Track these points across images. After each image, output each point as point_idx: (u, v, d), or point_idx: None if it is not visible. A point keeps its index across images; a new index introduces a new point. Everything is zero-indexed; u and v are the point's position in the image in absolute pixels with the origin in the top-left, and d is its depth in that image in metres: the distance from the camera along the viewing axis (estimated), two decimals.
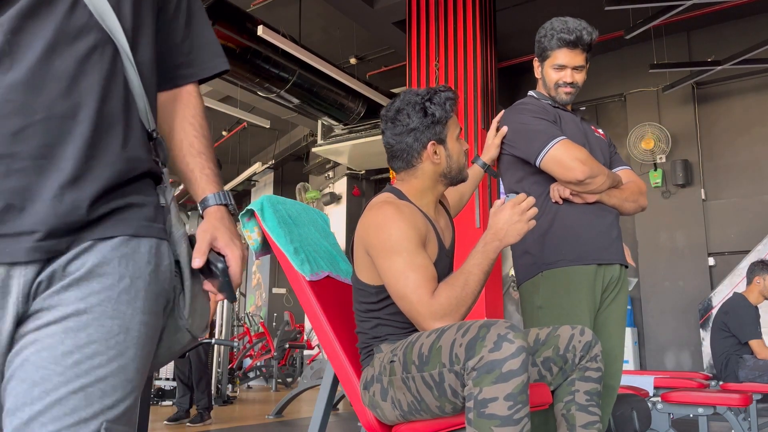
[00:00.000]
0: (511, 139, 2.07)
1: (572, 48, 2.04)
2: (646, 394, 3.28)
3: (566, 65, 2.05)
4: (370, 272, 1.68)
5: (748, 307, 4.18)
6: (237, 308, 12.13)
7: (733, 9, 6.80)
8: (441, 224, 1.79)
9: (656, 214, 7.58)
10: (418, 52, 6.01)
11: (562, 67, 2.06)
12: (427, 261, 1.60)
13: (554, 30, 2.05)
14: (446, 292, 1.54)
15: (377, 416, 1.63)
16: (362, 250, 1.68)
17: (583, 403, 1.67)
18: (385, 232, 1.60)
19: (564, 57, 2.05)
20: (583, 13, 8.16)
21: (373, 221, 1.64)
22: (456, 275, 1.59)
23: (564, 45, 2.04)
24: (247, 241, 2.07)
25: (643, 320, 7.54)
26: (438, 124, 1.70)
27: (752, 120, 7.41)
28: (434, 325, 1.53)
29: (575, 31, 2.02)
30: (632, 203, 2.10)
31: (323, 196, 10.88)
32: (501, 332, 1.37)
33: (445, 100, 1.70)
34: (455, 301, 1.53)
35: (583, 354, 1.68)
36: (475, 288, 1.56)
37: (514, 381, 1.34)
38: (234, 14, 6.20)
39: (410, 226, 1.60)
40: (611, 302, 2.04)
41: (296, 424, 5.15)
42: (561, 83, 2.07)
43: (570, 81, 2.06)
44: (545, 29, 2.09)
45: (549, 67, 2.09)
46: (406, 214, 1.63)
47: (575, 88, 2.09)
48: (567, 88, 2.07)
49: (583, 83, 2.13)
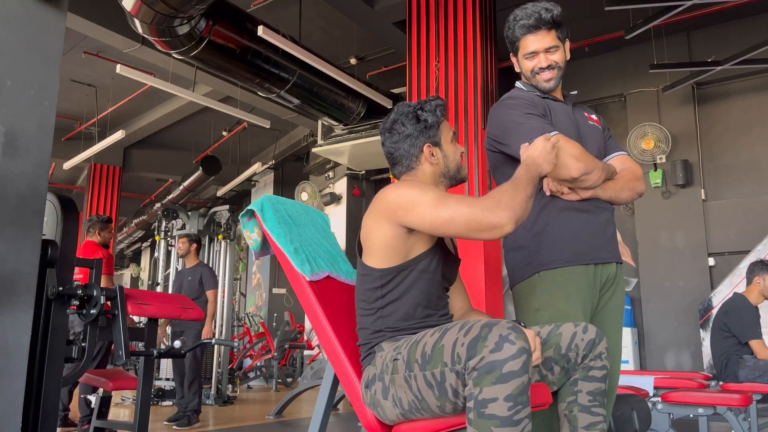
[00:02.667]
0: (501, 136, 2.00)
1: (535, 31, 1.99)
2: (646, 394, 3.28)
3: (536, 50, 2.00)
4: (379, 253, 1.67)
5: (748, 308, 4.18)
6: (237, 308, 12.14)
7: (733, 9, 6.80)
8: None
9: (656, 214, 7.58)
10: (418, 52, 6.01)
11: (533, 54, 2.01)
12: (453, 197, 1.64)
13: (515, 20, 2.02)
14: (493, 193, 1.58)
15: (378, 415, 1.63)
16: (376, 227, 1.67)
17: (585, 403, 1.66)
18: (405, 191, 1.64)
19: (531, 43, 2.00)
20: (583, 13, 8.14)
21: (389, 193, 1.66)
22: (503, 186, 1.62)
23: (527, 31, 2.00)
24: (247, 241, 2.07)
25: (643, 320, 7.54)
26: (431, 128, 1.80)
27: (752, 120, 7.41)
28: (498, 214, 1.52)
29: (533, 13, 1.98)
30: (628, 191, 2.06)
31: (323, 196, 10.88)
32: (503, 333, 1.37)
33: (435, 107, 1.81)
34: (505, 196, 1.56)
35: (586, 353, 1.66)
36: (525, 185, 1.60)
37: (514, 382, 1.34)
38: (234, 14, 6.20)
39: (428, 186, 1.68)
40: (608, 301, 1.99)
41: (296, 424, 5.14)
42: (537, 70, 2.01)
43: (545, 65, 2.00)
44: (508, 22, 2.06)
45: (522, 58, 2.04)
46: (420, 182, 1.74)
47: (555, 70, 2.01)
48: (544, 73, 2.01)
49: (564, 62, 2.04)
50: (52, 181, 13.05)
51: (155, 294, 2.68)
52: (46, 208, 1.47)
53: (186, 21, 5.57)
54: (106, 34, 7.06)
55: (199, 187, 11.86)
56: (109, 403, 3.21)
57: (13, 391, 1.34)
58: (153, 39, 5.79)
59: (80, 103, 10.10)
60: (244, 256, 13.61)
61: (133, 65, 7.60)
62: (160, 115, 10.51)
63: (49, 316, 1.60)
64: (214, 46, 6.06)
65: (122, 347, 2.00)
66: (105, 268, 4.76)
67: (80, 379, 3.36)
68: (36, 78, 1.41)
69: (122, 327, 2.01)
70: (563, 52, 2.04)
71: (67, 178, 13.48)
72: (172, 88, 7.60)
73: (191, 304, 2.71)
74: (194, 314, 2.65)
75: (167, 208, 7.72)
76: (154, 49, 7.08)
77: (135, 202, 15.34)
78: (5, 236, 1.33)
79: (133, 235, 15.85)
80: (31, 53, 1.41)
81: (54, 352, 1.59)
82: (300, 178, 11.81)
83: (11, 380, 1.34)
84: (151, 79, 7.42)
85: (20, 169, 1.37)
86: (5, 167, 1.34)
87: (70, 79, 9.30)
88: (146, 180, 13.69)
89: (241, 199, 14.38)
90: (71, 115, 10.61)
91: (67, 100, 9.92)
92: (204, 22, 5.81)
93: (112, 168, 11.79)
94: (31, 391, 1.51)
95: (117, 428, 3.43)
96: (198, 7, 5.33)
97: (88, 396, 4.05)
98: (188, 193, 11.89)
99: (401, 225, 1.63)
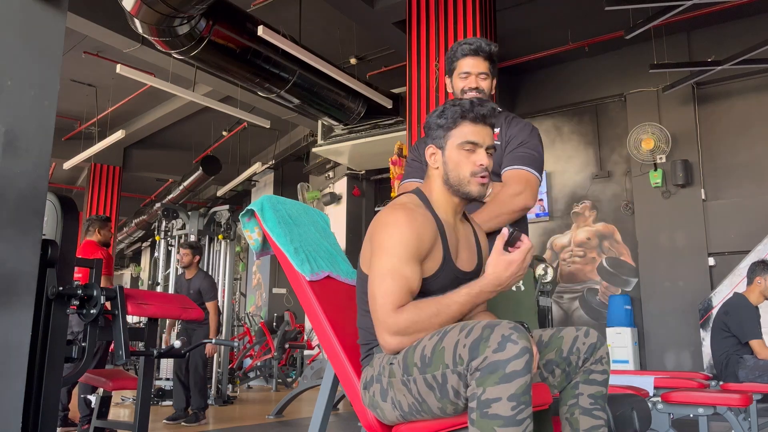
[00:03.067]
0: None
1: (474, 56, 2.17)
2: (646, 394, 3.28)
3: (470, 72, 2.16)
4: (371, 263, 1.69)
5: (748, 308, 4.18)
6: (237, 308, 12.13)
7: (733, 9, 6.80)
8: (460, 239, 1.75)
9: (656, 214, 7.58)
10: (418, 52, 6.01)
11: (467, 75, 2.17)
12: (414, 275, 1.58)
13: (459, 44, 2.20)
14: (410, 313, 1.53)
15: (377, 416, 1.63)
16: (368, 241, 1.70)
17: (587, 406, 1.65)
18: (388, 231, 1.61)
19: (467, 65, 2.17)
20: (583, 13, 8.14)
21: (384, 220, 1.65)
22: (431, 302, 1.55)
23: (466, 54, 2.18)
24: (247, 240, 2.07)
25: (643, 320, 7.54)
26: (440, 129, 1.72)
27: (752, 120, 7.41)
28: (385, 338, 1.54)
29: (476, 41, 2.18)
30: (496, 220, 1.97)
31: (323, 196, 10.88)
32: (505, 333, 1.37)
33: (462, 110, 1.69)
34: (414, 327, 1.52)
35: (587, 356, 1.66)
36: (442, 322, 1.53)
37: (517, 381, 1.34)
38: (234, 14, 6.20)
39: (414, 234, 1.59)
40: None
41: (296, 424, 5.15)
42: (467, 89, 2.16)
43: (474, 86, 2.15)
44: (453, 46, 2.25)
45: (456, 77, 2.20)
46: (418, 222, 1.61)
47: (481, 95, 2.15)
48: (471, 93, 2.14)
49: (491, 93, 2.19)
50: (52, 181, 13.05)
51: (155, 294, 2.68)
52: (46, 208, 1.47)
53: (186, 21, 5.57)
54: (106, 34, 7.06)
55: (199, 187, 11.87)
56: (109, 403, 3.21)
57: (13, 391, 1.34)
58: (153, 39, 5.79)
59: (80, 103, 10.10)
60: (244, 256, 13.62)
61: (133, 65, 7.60)
62: (160, 115, 10.51)
63: (49, 316, 1.60)
64: (214, 46, 6.06)
65: (122, 347, 2.00)
66: (104, 268, 4.76)
67: (80, 379, 3.36)
68: (36, 78, 1.41)
69: (122, 327, 2.01)
70: (491, 84, 2.20)
71: (67, 178, 13.48)
72: (172, 88, 7.61)
73: (191, 304, 2.72)
74: (194, 314, 2.65)
75: (167, 208, 7.72)
76: (154, 49, 7.08)
77: (135, 202, 15.34)
78: (5, 236, 1.33)
79: (133, 235, 15.86)
80: (31, 53, 1.41)
81: (54, 352, 1.59)
82: (300, 178, 11.81)
83: (11, 380, 1.34)
84: (151, 79, 7.42)
85: (20, 169, 1.37)
86: (5, 167, 1.34)
87: (70, 79, 9.30)
88: (146, 180, 13.69)
89: (241, 199, 14.38)
90: (71, 115, 10.62)
91: (67, 100, 9.92)
92: (204, 22, 5.82)
93: (112, 168, 11.79)
94: (31, 391, 1.51)
95: (117, 428, 3.43)
96: (198, 7, 5.33)
97: (88, 396, 4.06)
98: (188, 193, 11.90)
99: None
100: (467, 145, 1.67)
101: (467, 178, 1.67)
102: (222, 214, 7.53)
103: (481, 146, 1.68)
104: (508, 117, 2.21)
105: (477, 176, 1.67)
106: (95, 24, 6.84)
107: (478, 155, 1.67)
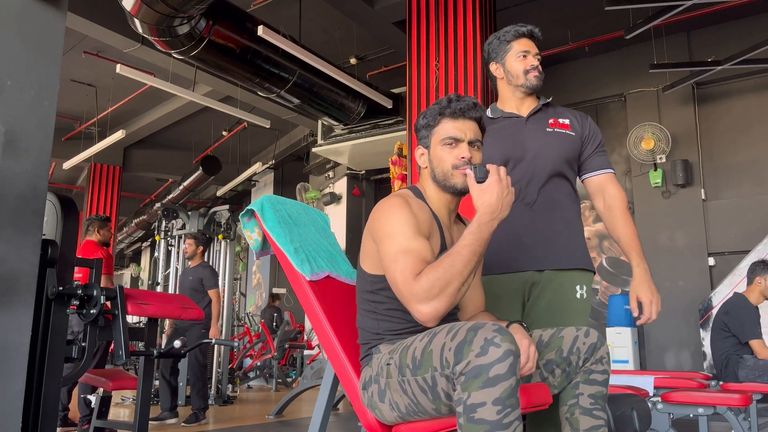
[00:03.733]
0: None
1: (529, 38, 2.18)
2: (646, 394, 3.28)
3: (530, 51, 2.16)
4: (371, 259, 1.69)
5: (748, 308, 4.18)
6: (237, 308, 12.13)
7: (733, 9, 6.80)
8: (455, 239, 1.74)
9: (656, 214, 7.58)
10: (418, 52, 6.01)
11: (526, 54, 2.15)
12: (423, 244, 1.58)
13: (506, 30, 2.18)
14: (429, 273, 1.50)
15: (377, 416, 1.63)
16: (368, 236, 1.71)
17: (587, 406, 1.65)
18: (387, 218, 1.63)
19: (525, 45, 2.16)
20: (583, 13, 8.12)
21: (380, 209, 1.67)
22: (443, 257, 1.54)
23: (521, 36, 2.17)
24: (248, 240, 2.07)
25: None
26: (424, 129, 1.77)
27: (752, 120, 7.41)
28: (419, 308, 1.49)
29: (525, 26, 2.18)
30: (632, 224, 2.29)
31: (323, 196, 10.88)
32: (488, 336, 1.35)
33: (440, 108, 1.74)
34: (438, 283, 1.48)
35: (587, 356, 1.65)
36: (462, 269, 1.50)
37: (501, 385, 1.32)
38: (234, 14, 6.20)
39: (412, 214, 1.62)
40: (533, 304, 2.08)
41: (296, 424, 5.15)
42: (529, 68, 2.15)
43: (536, 64, 2.16)
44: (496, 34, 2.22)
45: (513, 59, 2.17)
46: (413, 206, 1.66)
47: (541, 73, 2.17)
48: (534, 71, 2.15)
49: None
50: (52, 181, 13.05)
51: (155, 294, 2.68)
52: (46, 208, 1.47)
53: (186, 21, 5.57)
54: (106, 34, 7.06)
55: (199, 187, 11.86)
56: (109, 403, 3.21)
57: (13, 391, 1.34)
58: (153, 39, 5.79)
59: (80, 103, 10.10)
60: (244, 256, 13.62)
61: (133, 65, 7.60)
62: (160, 115, 10.51)
63: (49, 316, 1.60)
64: (214, 46, 6.06)
65: (122, 347, 2.00)
66: (104, 268, 4.76)
67: (80, 379, 3.36)
68: (36, 78, 1.41)
69: (122, 327, 2.01)
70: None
71: (67, 178, 13.48)
72: (172, 88, 7.61)
73: (191, 303, 2.71)
74: (194, 314, 2.65)
75: (167, 207, 7.72)
76: (154, 49, 7.08)
77: (135, 202, 15.34)
78: (5, 236, 1.33)
79: (133, 235, 15.86)
80: (31, 53, 1.41)
81: (54, 352, 1.59)
82: (300, 178, 11.81)
83: (11, 380, 1.34)
84: (151, 79, 7.42)
85: (20, 169, 1.37)
86: (5, 167, 1.34)
87: (70, 79, 9.30)
88: (146, 180, 13.70)
89: (241, 199, 14.38)
90: (71, 115, 10.62)
91: (67, 100, 9.93)
92: (204, 21, 5.81)
93: (112, 168, 11.80)
94: (31, 391, 1.51)
95: (117, 428, 3.43)
96: (198, 7, 5.33)
97: (88, 396, 4.05)
98: (188, 192, 11.90)
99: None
100: (449, 140, 1.71)
101: (450, 171, 1.70)
102: (222, 214, 7.53)
103: (462, 141, 1.71)
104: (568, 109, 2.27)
105: (459, 168, 1.69)
106: (95, 24, 6.84)
107: (460, 149, 1.70)
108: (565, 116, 2.20)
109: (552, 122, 2.16)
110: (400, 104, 8.29)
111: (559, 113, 2.21)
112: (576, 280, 2.09)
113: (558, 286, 2.07)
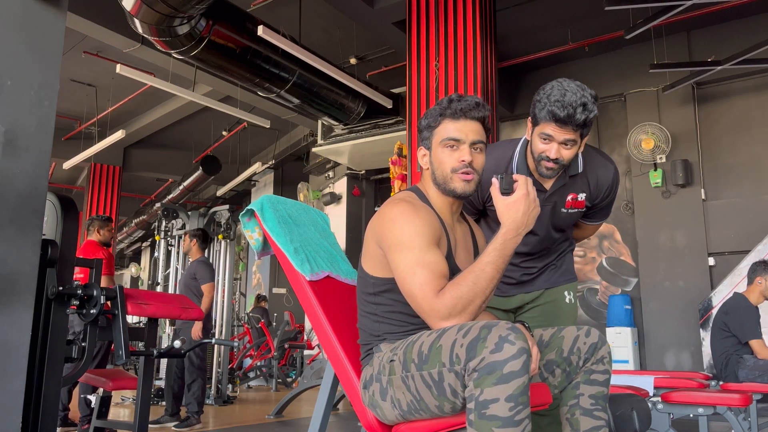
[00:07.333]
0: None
1: (562, 125, 1.82)
2: (646, 394, 3.28)
3: (554, 137, 1.85)
4: (374, 263, 1.68)
5: (748, 308, 4.18)
6: (237, 308, 12.13)
7: (733, 9, 6.79)
8: (458, 239, 1.76)
9: (656, 214, 7.58)
10: (418, 52, 6.01)
11: (549, 139, 1.86)
12: (439, 257, 1.57)
13: (549, 98, 1.82)
14: (452, 291, 1.50)
15: (377, 416, 1.63)
16: (373, 240, 1.68)
17: (587, 407, 1.65)
18: (399, 226, 1.60)
19: (552, 131, 1.84)
20: (583, 13, 8.10)
21: (388, 215, 1.64)
22: (466, 273, 1.52)
23: (552, 120, 1.82)
24: (248, 240, 2.07)
25: (643, 320, 7.54)
26: (425, 130, 1.75)
27: (752, 120, 7.41)
28: (440, 324, 1.50)
29: (568, 106, 1.78)
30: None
31: (323, 196, 10.88)
32: (502, 333, 1.36)
33: (441, 108, 1.70)
34: (461, 302, 1.48)
35: (588, 356, 1.65)
36: (485, 287, 1.50)
37: (515, 382, 1.33)
38: (234, 14, 6.20)
39: (424, 223, 1.60)
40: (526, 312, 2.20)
41: (296, 424, 5.14)
42: (544, 156, 1.88)
43: (554, 157, 1.86)
44: (540, 94, 1.86)
45: (536, 135, 1.89)
46: (422, 213, 1.63)
47: (559, 165, 1.89)
48: (549, 163, 1.88)
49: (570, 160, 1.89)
50: (52, 181, 13.05)
51: (155, 294, 2.68)
52: (46, 208, 1.47)
53: (186, 21, 5.56)
54: (106, 34, 7.05)
55: (199, 186, 11.86)
56: (109, 403, 3.21)
57: (13, 391, 1.34)
58: (153, 39, 5.78)
59: (80, 103, 10.10)
60: (244, 256, 13.62)
61: (133, 65, 7.60)
62: (160, 115, 10.51)
63: (49, 316, 1.60)
64: (214, 46, 6.06)
65: (122, 347, 2.00)
66: (105, 268, 4.76)
67: (80, 379, 3.36)
68: (36, 78, 1.41)
69: (122, 327, 2.01)
70: (578, 147, 1.90)
71: (67, 178, 13.48)
72: (172, 88, 7.60)
73: (191, 303, 2.72)
74: (194, 314, 2.65)
75: (167, 207, 7.72)
76: (154, 49, 7.08)
77: (135, 202, 15.34)
78: (5, 236, 1.33)
79: (133, 235, 15.85)
80: (31, 53, 1.41)
81: (54, 352, 1.59)
82: (300, 178, 11.81)
83: (11, 380, 1.34)
84: (151, 79, 7.42)
85: (20, 169, 1.37)
86: (5, 167, 1.34)
87: (70, 79, 9.30)
88: (146, 180, 13.69)
89: (241, 198, 14.38)
90: (71, 115, 10.61)
91: (67, 100, 9.92)
92: (204, 21, 5.81)
93: (112, 168, 11.80)
94: (31, 391, 1.51)
95: (117, 428, 3.43)
96: (198, 6, 5.33)
97: (88, 396, 4.05)
98: (188, 192, 11.90)
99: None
100: (449, 142, 1.67)
101: (449, 174, 1.67)
102: (222, 214, 7.53)
103: (463, 142, 1.67)
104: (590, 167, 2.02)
105: (458, 172, 1.66)
106: (95, 24, 6.84)
107: (461, 152, 1.66)
108: (584, 189, 2.04)
109: (570, 200, 2.04)
110: (400, 104, 8.28)
111: (579, 186, 2.03)
112: (564, 288, 2.22)
113: (548, 295, 2.20)
